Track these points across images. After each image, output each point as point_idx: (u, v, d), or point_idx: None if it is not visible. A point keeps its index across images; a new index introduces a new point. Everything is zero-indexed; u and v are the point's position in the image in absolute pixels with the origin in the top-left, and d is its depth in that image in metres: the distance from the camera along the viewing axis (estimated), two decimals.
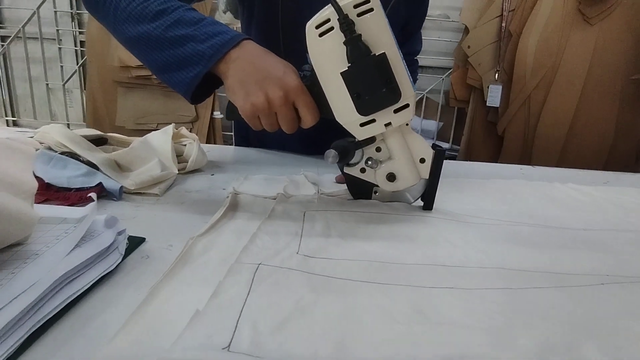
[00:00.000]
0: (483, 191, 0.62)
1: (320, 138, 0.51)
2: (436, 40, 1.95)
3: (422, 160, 0.48)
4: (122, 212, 0.46)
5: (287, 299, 0.30)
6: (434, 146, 0.48)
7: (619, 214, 0.57)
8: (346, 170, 0.50)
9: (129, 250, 0.36)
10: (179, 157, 0.65)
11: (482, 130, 1.89)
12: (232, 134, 1.93)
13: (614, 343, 0.27)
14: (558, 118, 1.76)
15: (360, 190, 0.52)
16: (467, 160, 1.88)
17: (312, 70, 0.44)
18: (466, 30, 1.82)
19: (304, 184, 0.59)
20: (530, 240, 0.45)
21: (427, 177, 0.49)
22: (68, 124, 2.01)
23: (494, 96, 1.79)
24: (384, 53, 0.41)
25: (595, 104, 1.72)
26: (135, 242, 0.38)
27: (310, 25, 0.42)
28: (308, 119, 0.46)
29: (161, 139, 0.64)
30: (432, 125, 2.01)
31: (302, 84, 0.45)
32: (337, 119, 0.46)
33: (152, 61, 0.50)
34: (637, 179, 0.86)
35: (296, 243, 0.39)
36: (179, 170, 0.61)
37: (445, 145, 1.98)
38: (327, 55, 0.43)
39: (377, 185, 0.50)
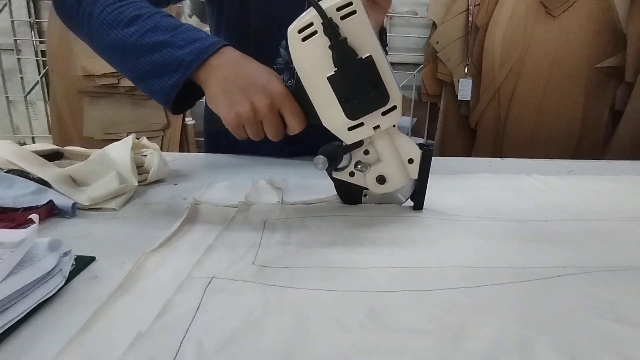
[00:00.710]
0: (450, 187, 0.62)
1: (295, 139, 0.51)
2: (405, 37, 1.97)
3: (411, 161, 0.48)
4: (74, 230, 0.44)
5: (237, 313, 0.29)
6: (421, 145, 0.48)
7: (579, 202, 0.58)
8: (335, 175, 0.49)
9: (75, 272, 0.34)
10: (140, 168, 0.63)
11: (455, 124, 1.92)
12: (202, 139, 1.92)
13: (566, 337, 0.28)
14: (527, 109, 1.79)
15: (350, 194, 0.52)
16: (442, 155, 1.90)
17: (296, 75, 0.43)
18: (434, 26, 1.84)
19: (267, 190, 0.58)
20: (492, 235, 0.45)
21: (416, 177, 0.49)
22: (33, 137, 1.94)
23: (464, 90, 1.82)
24: (371, 56, 0.41)
25: (561, 94, 1.77)
26: (83, 262, 0.36)
27: (293, 29, 0.41)
28: (295, 126, 0.45)
29: (120, 150, 0.62)
30: (406, 121, 2.02)
31: (287, 90, 0.44)
32: (324, 124, 0.45)
33: (130, 69, 0.48)
34: (600, 167, 0.88)
35: (253, 253, 0.38)
36: (139, 182, 0.59)
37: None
38: (312, 60, 0.42)
39: (367, 188, 0.50)
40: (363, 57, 0.41)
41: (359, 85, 0.41)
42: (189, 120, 1.74)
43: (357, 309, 0.30)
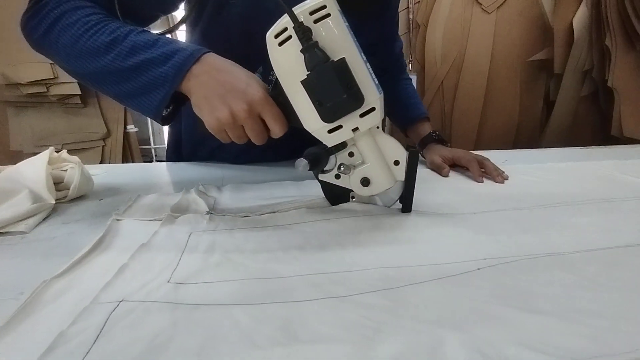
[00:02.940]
0: None
1: (276, 144, 0.51)
2: None
3: (397, 163, 0.48)
4: None
5: (141, 338, 0.27)
6: (407, 147, 0.48)
7: (509, 192, 0.60)
8: (321, 177, 0.49)
9: None
10: (59, 184, 0.59)
11: None
12: (151, 147, 1.83)
13: (477, 333, 0.28)
14: (470, 103, 1.86)
15: (337, 196, 0.52)
16: None
17: (276, 78, 0.44)
18: None
19: (198, 200, 0.55)
20: (420, 231, 0.45)
21: (403, 179, 0.49)
22: None
23: None
24: (343, 58, 0.41)
25: (500, 87, 1.85)
26: None
27: (270, 34, 0.42)
28: (276, 130, 0.46)
29: (34, 166, 0.57)
30: None
31: (267, 94, 0.45)
32: (304, 127, 0.45)
33: (116, 92, 0.49)
34: (533, 155, 0.93)
35: (171, 270, 0.36)
36: (58, 200, 0.55)
37: None
38: (288, 64, 0.42)
39: (353, 190, 0.50)
40: (335, 60, 0.40)
41: (330, 88, 0.41)
42: (131, 127, 1.65)
43: (271, 322, 0.29)
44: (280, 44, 0.41)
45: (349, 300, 0.31)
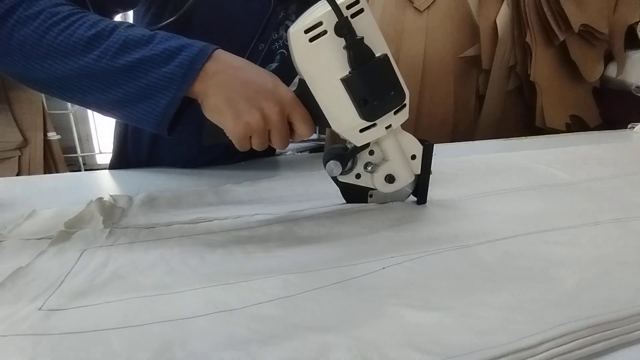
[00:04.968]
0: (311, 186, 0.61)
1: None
2: None
3: (414, 157, 0.48)
4: None
5: None
6: (421, 141, 0.48)
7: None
8: (341, 178, 0.47)
9: None
10: None
11: None
12: (78, 155, 1.70)
13: (367, 337, 0.27)
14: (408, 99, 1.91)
15: (355, 196, 0.50)
16: None
17: (300, 77, 0.41)
18: None
19: (100, 212, 0.51)
20: (332, 230, 0.44)
21: (419, 172, 0.49)
22: None
23: None
24: (386, 54, 0.39)
25: (435, 83, 1.92)
26: None
27: (297, 30, 0.38)
28: (305, 132, 0.43)
29: None
30: None
31: (295, 95, 0.42)
32: (332, 128, 0.42)
33: (101, 100, 0.41)
34: (460, 148, 0.96)
35: (47, 295, 0.32)
36: None
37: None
38: (321, 61, 0.39)
39: (373, 189, 0.49)
40: (380, 57, 0.39)
41: (378, 85, 0.40)
42: (53, 135, 1.53)
43: (149, 345, 0.26)
44: (312, 39, 0.38)
45: (240, 314, 0.30)
